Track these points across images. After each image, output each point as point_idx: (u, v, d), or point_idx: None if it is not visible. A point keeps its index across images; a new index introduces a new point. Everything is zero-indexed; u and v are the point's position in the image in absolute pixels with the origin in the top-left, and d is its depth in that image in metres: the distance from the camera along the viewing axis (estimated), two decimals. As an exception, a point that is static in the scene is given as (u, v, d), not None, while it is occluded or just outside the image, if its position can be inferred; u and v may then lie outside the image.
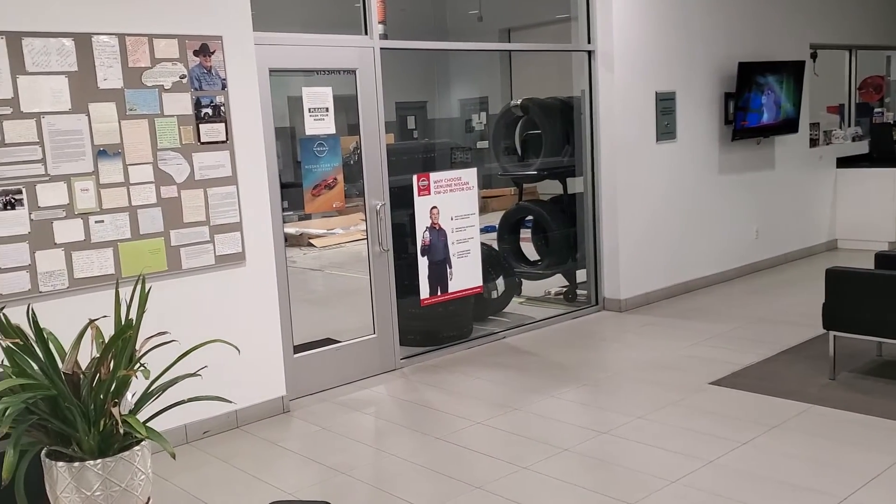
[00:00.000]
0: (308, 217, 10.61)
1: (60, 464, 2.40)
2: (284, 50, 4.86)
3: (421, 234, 5.60)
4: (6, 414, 2.23)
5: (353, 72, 5.21)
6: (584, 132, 6.83)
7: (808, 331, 5.90)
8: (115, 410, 2.32)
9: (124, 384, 2.47)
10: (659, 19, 6.83)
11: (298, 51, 4.93)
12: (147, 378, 2.39)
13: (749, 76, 7.49)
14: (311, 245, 10.81)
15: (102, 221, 4.02)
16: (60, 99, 3.87)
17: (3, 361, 2.48)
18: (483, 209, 13.32)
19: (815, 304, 6.68)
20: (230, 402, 2.36)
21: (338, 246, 10.56)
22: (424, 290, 5.64)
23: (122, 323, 2.52)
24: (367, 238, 5.40)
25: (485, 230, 8.91)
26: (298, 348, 5.08)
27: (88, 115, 3.95)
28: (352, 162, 5.35)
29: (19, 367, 2.32)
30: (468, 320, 6.21)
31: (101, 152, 4.00)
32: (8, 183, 3.74)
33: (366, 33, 5.27)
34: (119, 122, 4.05)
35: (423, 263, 5.63)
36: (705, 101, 7.37)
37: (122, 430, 2.35)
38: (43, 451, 2.47)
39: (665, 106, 6.98)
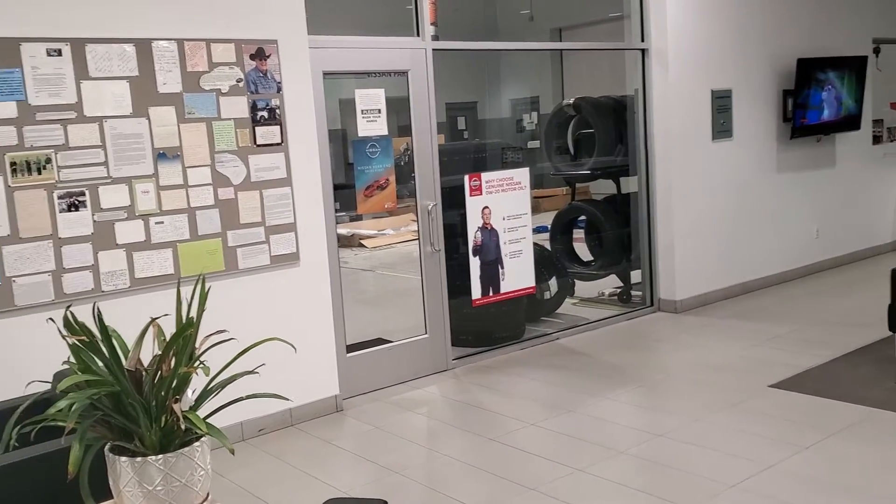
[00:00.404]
0: (359, 218, 10.71)
1: (123, 459, 2.45)
2: (338, 53, 4.90)
3: (473, 235, 5.59)
4: (72, 409, 2.28)
5: (405, 73, 5.24)
6: (637, 131, 6.75)
7: (873, 333, 5.73)
8: (176, 407, 2.35)
9: (185, 381, 2.52)
10: (714, 16, 6.71)
11: (351, 53, 4.97)
12: (207, 375, 2.43)
13: (809, 72, 7.31)
14: (363, 246, 10.90)
15: (162, 223, 4.11)
16: (122, 103, 3.96)
17: (69, 358, 2.54)
18: (535, 209, 13.31)
19: (880, 305, 6.49)
20: (287, 399, 2.38)
21: (389, 246, 10.63)
22: (476, 291, 5.64)
23: (184, 321, 2.57)
24: (418, 238, 5.42)
25: (537, 230, 8.88)
26: (351, 348, 5.12)
27: (149, 119, 4.04)
28: (402, 163, 5.38)
29: (85, 363, 2.38)
30: (521, 321, 6.19)
31: (161, 155, 4.09)
32: (72, 185, 3.84)
33: (418, 35, 5.29)
34: (178, 126, 4.13)
35: (474, 264, 5.62)
36: (762, 99, 7.22)
37: (183, 427, 2.40)
38: (107, 447, 2.53)
39: (721, 104, 6.86)
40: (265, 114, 4.42)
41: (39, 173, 3.75)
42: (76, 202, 3.86)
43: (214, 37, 4.24)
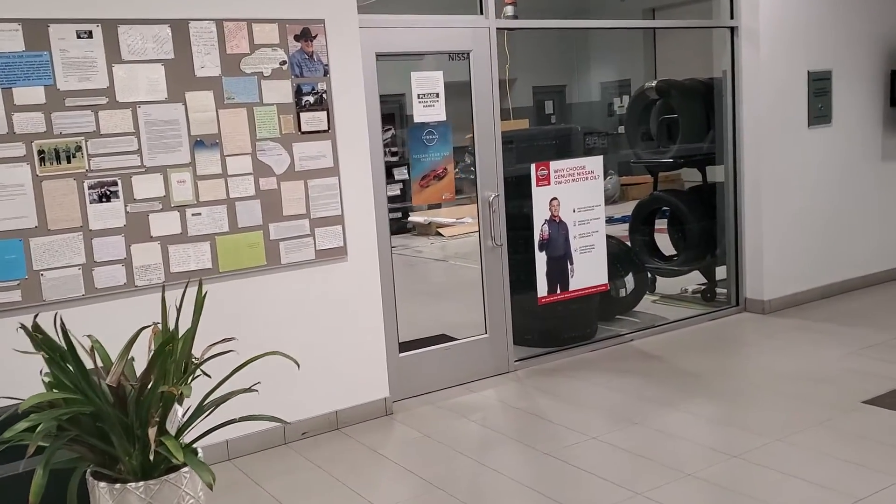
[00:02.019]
0: (438, 206, 10.43)
1: (102, 484, 2.22)
2: (391, 33, 4.59)
3: (539, 228, 5.21)
4: (37, 431, 2.05)
5: (467, 54, 4.88)
6: (724, 116, 6.20)
7: None
8: (151, 431, 2.10)
9: (170, 400, 2.26)
10: (814, -12, 6.08)
11: (406, 33, 4.65)
12: (187, 396, 2.17)
13: (923, 49, 6.57)
14: (439, 234, 10.61)
15: (199, 214, 3.90)
16: (157, 88, 3.76)
17: (41, 371, 2.31)
18: (622, 197, 12.73)
19: None
20: (286, 422, 2.10)
21: (466, 235, 10.30)
22: (542, 288, 5.26)
23: (170, 331, 2.31)
24: (478, 232, 5.08)
25: (622, 220, 8.41)
26: (409, 345, 4.83)
27: (185, 105, 3.84)
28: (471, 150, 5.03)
29: (59, 378, 2.15)
30: (592, 320, 5.78)
31: (198, 143, 3.88)
32: (104, 174, 3.67)
33: (481, 13, 4.92)
34: (217, 112, 3.91)
35: (540, 259, 5.24)
36: (866, 81, 6.53)
37: (161, 452, 2.13)
38: (88, 470, 2.30)
39: (819, 86, 6.22)
40: (311, 99, 4.16)
41: (69, 162, 3.59)
42: (108, 192, 3.69)
43: (256, 16, 3.99)
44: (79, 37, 3.58)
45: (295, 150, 4.12)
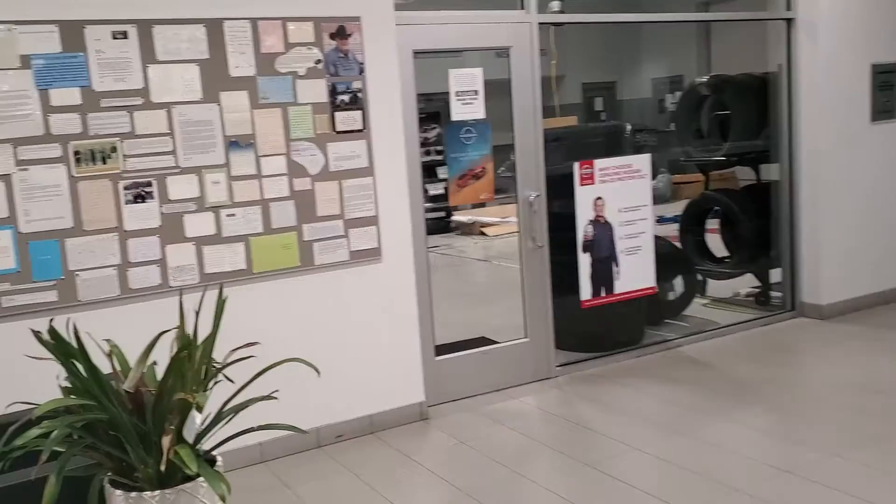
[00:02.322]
0: (482, 205, 10.31)
1: (118, 492, 2.17)
2: (428, 29, 4.50)
3: (583, 229, 5.06)
4: (50, 437, 2.01)
5: (507, 50, 4.76)
6: (780, 112, 5.95)
7: None
8: (165, 440, 2.04)
9: (187, 408, 2.19)
10: (877, -23, 5.80)
11: (444, 30, 4.55)
12: (202, 404, 2.10)
13: None
14: (483, 234, 10.49)
15: (234, 215, 3.86)
16: (191, 88, 3.73)
17: (57, 376, 2.26)
18: (674, 196, 12.42)
19: None
20: (304, 431, 2.02)
21: (510, 235, 10.17)
22: (586, 291, 5.11)
23: (188, 337, 2.24)
24: (519, 232, 4.95)
25: (673, 220, 8.18)
26: (443, 349, 4.73)
27: (220, 105, 3.80)
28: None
29: (75, 384, 2.11)
30: (638, 324, 5.60)
31: (233, 143, 3.84)
32: (138, 175, 3.65)
33: (522, 7, 4.80)
34: (251, 112, 3.87)
35: (584, 261, 5.09)
36: (936, 73, 6.20)
37: (175, 462, 2.07)
38: (106, 477, 2.25)
39: (883, 80, 5.93)
40: (346, 98, 4.09)
41: (104, 163, 3.58)
42: (143, 193, 3.67)
43: (291, 15, 3.93)
44: (114, 37, 3.57)
45: (329, 150, 4.06)
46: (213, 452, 2.41)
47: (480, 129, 4.68)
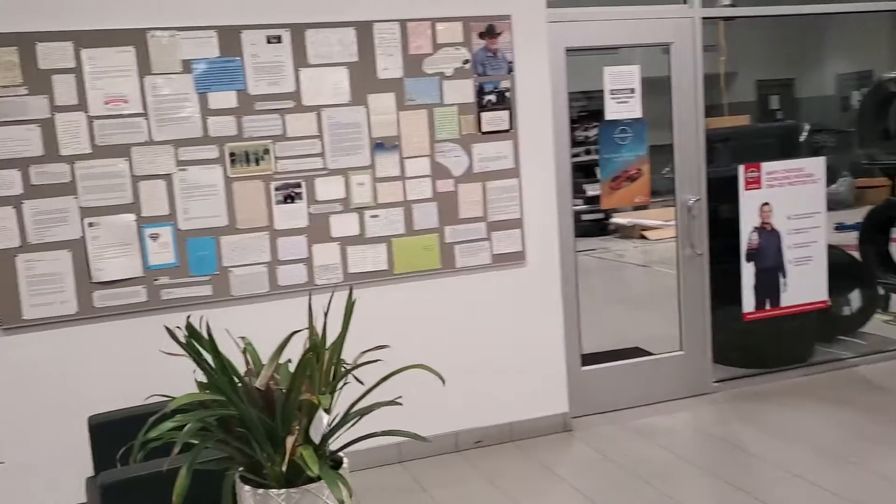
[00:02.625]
0: (644, 207, 9.94)
1: (247, 488, 2.20)
2: (583, 26, 4.34)
3: (747, 236, 4.73)
4: (184, 430, 2.06)
5: (667, 46, 4.52)
6: (983, 109, 5.30)
7: None
8: (289, 440, 2.04)
9: (313, 409, 2.20)
10: None
11: (600, 26, 4.38)
12: (327, 406, 2.09)
13: None
14: (644, 237, 10.11)
15: (377, 216, 3.89)
16: (340, 91, 3.79)
17: (193, 371, 2.32)
18: (856, 201, 11.46)
19: None
20: (426, 440, 1.97)
21: (673, 239, 9.74)
22: (749, 303, 4.76)
23: (315, 339, 2.25)
24: (676, 238, 4.69)
25: (853, 227, 7.52)
26: (591, 358, 4.56)
27: (367, 107, 3.83)
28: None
29: (209, 381, 2.16)
30: (807, 341, 5.17)
31: (378, 145, 3.86)
32: (288, 176, 3.75)
33: (684, 1, 4.53)
34: (397, 114, 3.88)
35: (748, 270, 4.75)
36: None
37: (299, 462, 2.07)
38: (237, 472, 2.30)
39: None
40: (493, 98, 4.01)
41: (257, 164, 3.70)
42: (292, 194, 3.76)
43: (440, 15, 3.91)
44: (268, 42, 3.68)
45: (474, 151, 4.00)
46: (340, 454, 2.40)
47: (636, 129, 4.47)
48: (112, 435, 2.84)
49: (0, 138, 3.34)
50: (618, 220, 10.10)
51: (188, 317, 2.22)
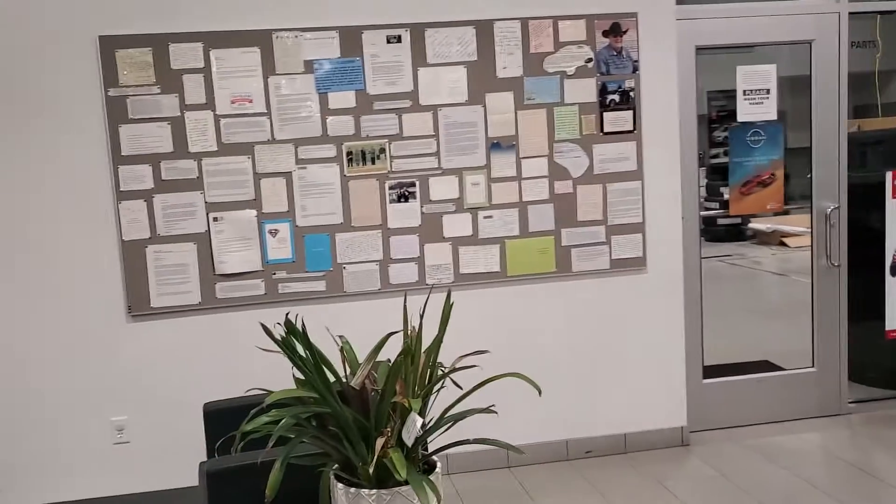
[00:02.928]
0: (784, 212, 9.41)
1: (340, 486, 2.22)
2: (714, 24, 4.12)
3: (893, 248, 4.37)
4: (279, 425, 2.10)
5: (808, 44, 4.23)
6: None
7: None
8: (378, 441, 2.04)
9: (405, 411, 2.18)
10: None
11: (733, 23, 4.15)
12: (416, 410, 2.07)
13: None
14: (784, 244, 9.56)
15: (491, 217, 3.85)
16: (458, 90, 3.77)
17: (291, 368, 2.35)
18: None
19: None
20: (521, 451, 1.93)
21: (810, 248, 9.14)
22: (892, 319, 4.41)
23: (410, 341, 2.23)
24: (811, 248, 4.40)
25: None
26: (714, 371, 4.34)
27: (484, 107, 3.79)
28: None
29: (305, 377, 2.19)
30: (960, 363, 4.72)
31: (494, 145, 3.82)
32: (403, 175, 3.77)
33: (829, -5, 4.24)
34: (515, 113, 3.82)
35: (892, 285, 4.40)
36: None
37: (387, 464, 2.07)
38: (332, 469, 2.32)
39: None
40: (616, 97, 3.88)
41: (373, 163, 3.74)
42: (406, 193, 3.78)
43: (563, 13, 3.82)
44: (388, 42, 3.70)
45: (595, 152, 3.88)
46: (435, 458, 2.38)
47: (771, 132, 4.21)
48: (225, 422, 2.95)
49: (134, 135, 3.53)
50: (756, 225, 9.61)
51: (287, 314, 2.26)
